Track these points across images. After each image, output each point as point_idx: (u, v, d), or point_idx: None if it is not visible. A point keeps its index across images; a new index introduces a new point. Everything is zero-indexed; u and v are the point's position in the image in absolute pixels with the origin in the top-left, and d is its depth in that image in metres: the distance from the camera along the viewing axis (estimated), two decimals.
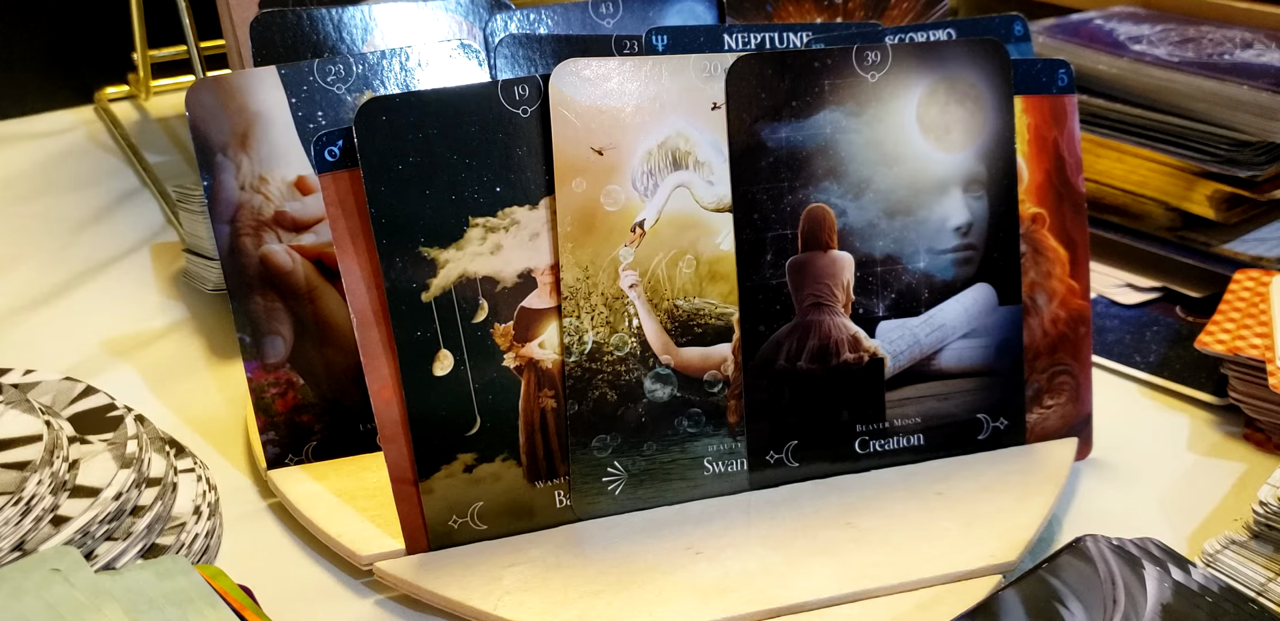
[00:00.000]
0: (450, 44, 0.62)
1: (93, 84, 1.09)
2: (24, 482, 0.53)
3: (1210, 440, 0.64)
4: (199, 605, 0.48)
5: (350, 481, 0.59)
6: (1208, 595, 0.48)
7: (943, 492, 0.57)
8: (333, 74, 0.61)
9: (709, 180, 0.55)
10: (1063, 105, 0.59)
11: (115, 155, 1.01)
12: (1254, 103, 0.73)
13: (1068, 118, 0.59)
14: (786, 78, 0.55)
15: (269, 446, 0.61)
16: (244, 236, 0.60)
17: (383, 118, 0.52)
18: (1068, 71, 0.59)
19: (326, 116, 0.61)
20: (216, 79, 0.60)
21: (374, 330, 0.53)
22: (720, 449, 0.57)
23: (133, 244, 0.87)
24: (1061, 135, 0.58)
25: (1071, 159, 0.60)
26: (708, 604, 0.51)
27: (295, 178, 0.61)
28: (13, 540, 0.51)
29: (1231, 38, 0.83)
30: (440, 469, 0.54)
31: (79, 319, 0.78)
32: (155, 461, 0.58)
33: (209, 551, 0.57)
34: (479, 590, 0.52)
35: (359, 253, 0.53)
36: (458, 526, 0.54)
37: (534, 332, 0.54)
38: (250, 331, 0.60)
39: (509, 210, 0.54)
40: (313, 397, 0.61)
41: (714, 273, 0.56)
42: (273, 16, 0.64)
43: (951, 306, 0.59)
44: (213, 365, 0.73)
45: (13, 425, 0.57)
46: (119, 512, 0.54)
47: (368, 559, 0.55)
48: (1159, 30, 0.85)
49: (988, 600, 0.48)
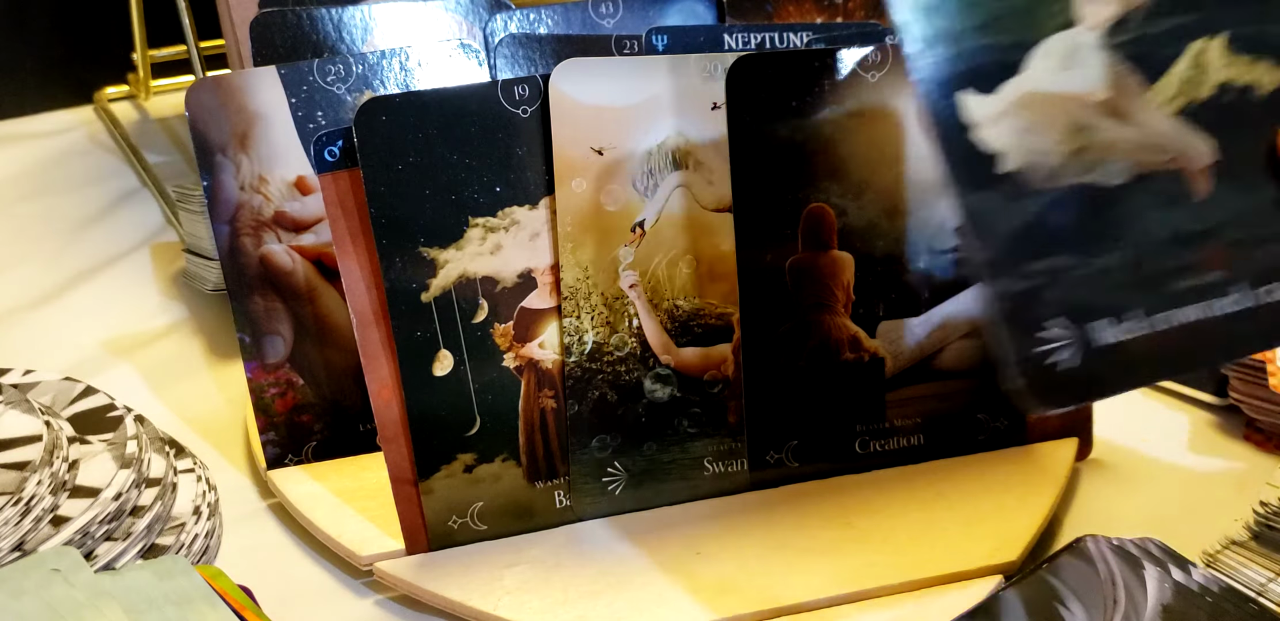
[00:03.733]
0: (450, 44, 0.62)
1: (92, 84, 1.09)
2: (24, 483, 0.53)
3: (1210, 440, 0.64)
4: (199, 605, 0.48)
5: (350, 481, 0.59)
6: (1208, 595, 0.48)
7: (943, 492, 0.57)
8: (332, 74, 0.61)
9: (709, 180, 0.55)
10: None
11: (115, 155, 1.00)
12: None
13: None
14: (787, 78, 0.55)
15: (269, 446, 0.61)
16: (244, 236, 0.60)
17: (382, 118, 0.52)
18: None
19: (326, 116, 0.61)
20: (216, 79, 0.60)
21: (374, 330, 0.53)
22: (720, 449, 0.57)
23: (132, 244, 0.87)
24: None
25: None
26: (708, 604, 0.51)
27: (295, 178, 0.61)
28: (12, 540, 0.51)
29: None
30: (440, 469, 0.54)
31: (79, 319, 0.78)
32: (155, 461, 0.58)
33: (209, 551, 0.57)
34: (479, 590, 0.52)
35: (359, 253, 0.53)
36: (458, 526, 0.54)
37: (534, 333, 0.54)
38: (250, 331, 0.60)
39: (509, 210, 0.54)
40: (312, 398, 0.61)
41: (714, 272, 0.56)
42: (272, 16, 0.64)
43: (952, 306, 0.59)
44: (212, 365, 0.73)
45: (12, 425, 0.57)
46: (119, 513, 0.54)
47: (368, 559, 0.55)
48: None
49: (988, 600, 0.48)
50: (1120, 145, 0.43)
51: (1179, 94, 0.43)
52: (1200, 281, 0.42)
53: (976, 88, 0.41)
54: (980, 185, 0.41)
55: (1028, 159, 0.42)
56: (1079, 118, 0.43)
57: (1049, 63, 0.42)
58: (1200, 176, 0.43)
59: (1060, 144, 0.42)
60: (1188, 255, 0.42)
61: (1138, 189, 0.42)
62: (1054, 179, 0.42)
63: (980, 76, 0.41)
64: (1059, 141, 0.42)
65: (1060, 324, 0.41)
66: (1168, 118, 0.43)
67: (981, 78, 0.41)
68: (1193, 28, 0.43)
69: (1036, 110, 0.42)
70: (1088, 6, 0.42)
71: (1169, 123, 0.43)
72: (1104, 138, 0.42)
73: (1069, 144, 0.42)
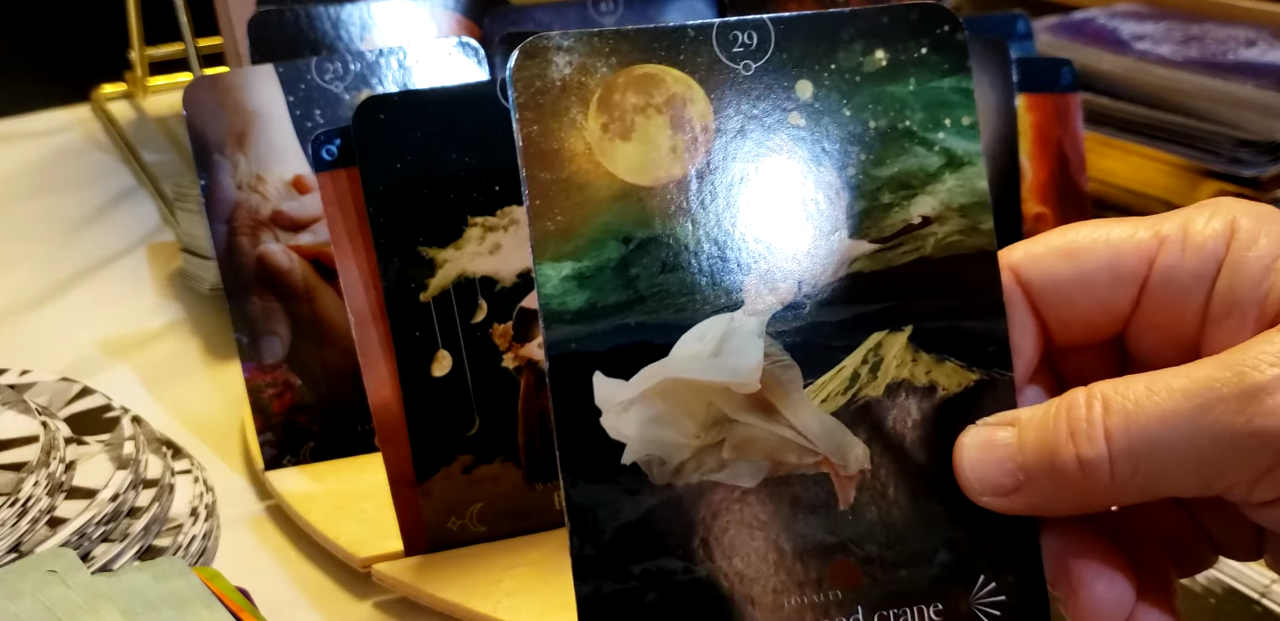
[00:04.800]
0: (448, 42, 0.62)
1: (89, 82, 1.09)
2: (20, 484, 0.53)
3: None
4: (196, 607, 0.48)
5: (348, 483, 0.59)
6: (1210, 597, 0.48)
7: None
8: (330, 72, 0.60)
9: None
10: (1066, 104, 0.58)
11: (112, 154, 1.00)
12: (1257, 101, 0.73)
13: (1071, 116, 0.59)
14: None
15: (266, 447, 0.61)
16: (241, 236, 0.60)
17: (381, 116, 0.51)
18: (1071, 70, 0.59)
19: (324, 115, 0.60)
20: (214, 77, 0.60)
21: (372, 330, 0.53)
22: None
23: (129, 243, 0.86)
24: (1065, 134, 0.58)
25: (1075, 158, 0.59)
26: None
27: (293, 177, 0.61)
28: (9, 542, 0.51)
29: (1235, 36, 0.82)
30: (439, 470, 0.54)
31: (75, 319, 0.78)
32: (152, 462, 0.57)
33: (206, 553, 0.56)
34: (478, 592, 0.52)
35: (357, 252, 0.52)
36: (456, 528, 0.54)
37: (533, 333, 0.54)
38: (247, 331, 0.60)
39: (508, 209, 0.53)
40: (310, 398, 0.61)
41: None
42: (270, 14, 0.63)
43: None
44: (210, 365, 0.73)
45: (9, 426, 0.57)
46: (116, 514, 0.54)
47: (366, 560, 0.54)
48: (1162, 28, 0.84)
49: None
50: (761, 443, 0.37)
51: (843, 390, 0.38)
52: (819, 599, 0.37)
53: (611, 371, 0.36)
54: (595, 476, 0.36)
55: (651, 451, 0.36)
56: (721, 410, 0.37)
57: (698, 348, 0.37)
58: (847, 484, 0.37)
59: (693, 438, 0.37)
60: (814, 570, 0.37)
61: (771, 492, 0.37)
62: (679, 475, 0.37)
63: (618, 360, 0.36)
64: (693, 435, 0.37)
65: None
66: (824, 415, 0.37)
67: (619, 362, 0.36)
68: (874, 318, 0.38)
69: (673, 399, 0.37)
70: (754, 288, 0.37)
71: (825, 421, 0.37)
72: (744, 434, 0.37)
73: (704, 438, 0.37)
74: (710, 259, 0.37)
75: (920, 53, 0.38)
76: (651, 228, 0.37)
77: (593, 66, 0.37)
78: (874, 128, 0.38)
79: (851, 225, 0.38)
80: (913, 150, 0.38)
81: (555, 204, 0.37)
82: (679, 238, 0.37)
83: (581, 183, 0.37)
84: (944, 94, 0.38)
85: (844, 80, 0.38)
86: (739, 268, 0.37)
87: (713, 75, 0.37)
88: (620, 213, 0.37)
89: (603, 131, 0.37)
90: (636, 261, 0.37)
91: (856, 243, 0.38)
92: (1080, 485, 0.33)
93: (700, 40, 0.37)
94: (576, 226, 0.37)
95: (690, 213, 0.37)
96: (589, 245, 0.37)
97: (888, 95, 0.38)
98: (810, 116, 0.38)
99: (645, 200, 0.37)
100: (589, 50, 0.37)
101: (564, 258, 0.37)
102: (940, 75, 0.38)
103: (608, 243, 0.37)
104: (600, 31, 0.37)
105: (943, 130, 0.38)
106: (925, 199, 0.38)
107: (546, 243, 0.37)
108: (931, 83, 0.38)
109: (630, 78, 0.37)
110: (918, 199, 0.38)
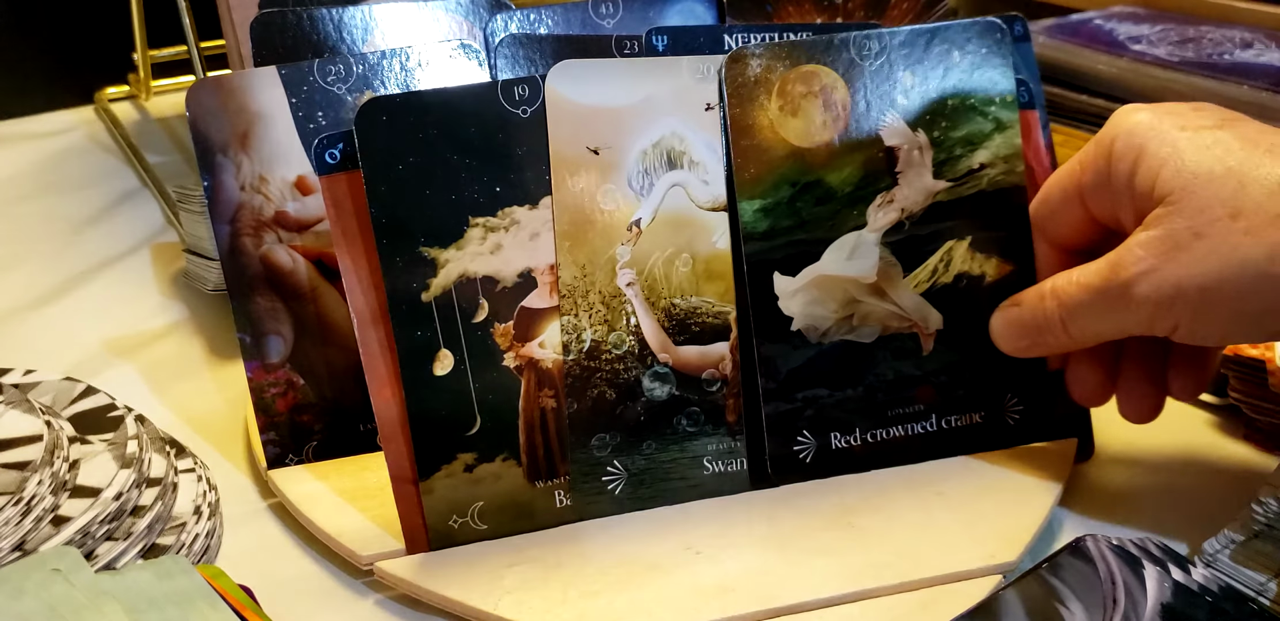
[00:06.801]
0: (450, 44, 0.62)
1: (93, 84, 1.09)
2: (24, 483, 0.53)
3: (1210, 440, 0.64)
4: (199, 605, 0.48)
5: (350, 481, 0.59)
6: (1207, 595, 0.49)
7: (943, 492, 0.57)
8: (333, 74, 0.61)
9: (704, 180, 0.56)
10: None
11: (115, 155, 1.01)
12: (1254, 102, 0.73)
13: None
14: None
15: (269, 446, 0.61)
16: (244, 236, 0.60)
17: (383, 118, 0.52)
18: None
19: (327, 116, 0.61)
20: (216, 79, 0.60)
21: (374, 330, 0.53)
22: (720, 448, 0.57)
23: (133, 244, 0.87)
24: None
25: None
26: (708, 604, 0.51)
27: (295, 178, 0.61)
28: (13, 540, 0.51)
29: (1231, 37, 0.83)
30: (440, 468, 0.54)
31: (79, 319, 0.78)
32: (155, 461, 0.58)
33: (209, 551, 0.57)
34: (479, 590, 0.52)
35: (359, 253, 0.53)
36: (458, 526, 0.55)
37: (534, 332, 0.55)
38: (250, 331, 0.60)
39: (509, 210, 0.54)
40: (313, 397, 0.61)
41: (710, 271, 0.56)
42: (273, 16, 0.64)
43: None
44: (213, 365, 0.73)
45: (13, 425, 0.57)
46: (119, 513, 0.54)
47: (368, 558, 0.55)
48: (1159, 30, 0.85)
49: (988, 600, 0.48)
50: (876, 314, 0.57)
51: (928, 279, 0.57)
52: (908, 410, 0.58)
53: (784, 271, 0.56)
54: (775, 338, 0.56)
55: (809, 322, 0.56)
56: (852, 294, 0.57)
57: (839, 254, 0.56)
58: (929, 338, 0.58)
59: (834, 312, 0.57)
60: (906, 392, 0.58)
61: (881, 345, 0.57)
62: (825, 336, 0.57)
63: (789, 263, 0.56)
64: (834, 310, 0.57)
65: (806, 434, 0.57)
66: (915, 296, 0.57)
67: (790, 264, 0.56)
68: (947, 232, 0.57)
69: (822, 288, 0.56)
70: (874, 215, 0.56)
71: (916, 299, 0.57)
72: (866, 309, 0.57)
73: (841, 313, 0.57)
74: (846, 195, 0.56)
75: (981, 53, 0.57)
76: (810, 175, 0.56)
77: (774, 67, 0.55)
78: (950, 104, 0.57)
79: (934, 170, 0.57)
80: (974, 119, 0.57)
81: (749, 161, 0.55)
82: (827, 182, 0.56)
83: (766, 146, 0.55)
84: (995, 80, 0.57)
85: (932, 72, 0.57)
86: (864, 200, 0.56)
87: (850, 71, 0.56)
88: (790, 166, 0.56)
89: (779, 111, 0.55)
90: (800, 198, 0.56)
91: (937, 182, 0.57)
92: (1050, 337, 0.54)
93: (842, 47, 0.56)
94: (762, 175, 0.56)
95: (834, 165, 0.56)
96: (770, 188, 0.56)
97: (960, 81, 0.57)
98: (910, 97, 0.56)
99: (806, 157, 0.56)
100: (772, 55, 0.55)
101: (755, 197, 0.55)
102: (992, 67, 0.57)
103: (782, 186, 0.56)
104: (779, 42, 0.56)
105: (993, 105, 0.58)
106: (982, 152, 0.58)
107: (744, 186, 0.55)
108: (987, 72, 0.57)
109: (798, 73, 0.55)
110: (977, 152, 0.58)
